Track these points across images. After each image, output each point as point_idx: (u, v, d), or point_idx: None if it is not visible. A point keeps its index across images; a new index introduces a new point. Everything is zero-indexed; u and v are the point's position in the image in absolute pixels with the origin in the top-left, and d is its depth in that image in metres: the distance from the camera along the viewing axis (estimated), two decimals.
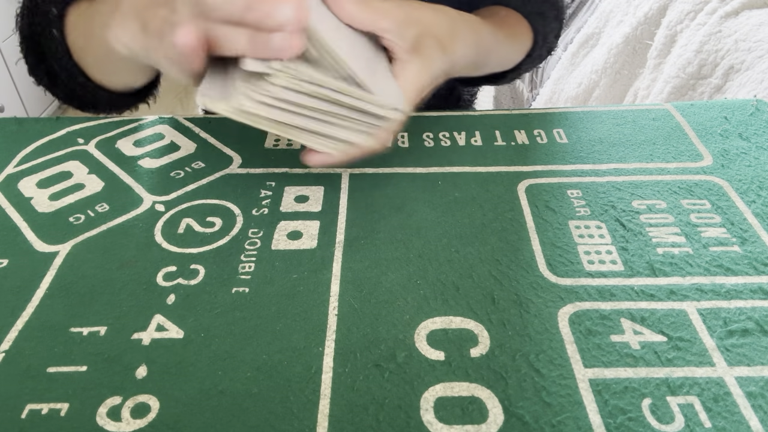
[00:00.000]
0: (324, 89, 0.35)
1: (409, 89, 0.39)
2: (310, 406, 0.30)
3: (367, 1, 0.38)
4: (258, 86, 0.34)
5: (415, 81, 0.40)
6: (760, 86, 0.80)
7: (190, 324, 0.35)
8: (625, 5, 1.16)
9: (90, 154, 0.49)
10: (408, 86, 0.39)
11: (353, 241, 0.40)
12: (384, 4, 0.39)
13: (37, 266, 0.38)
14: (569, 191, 0.44)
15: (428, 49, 0.40)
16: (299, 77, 0.33)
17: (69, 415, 0.30)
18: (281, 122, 0.36)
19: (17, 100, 1.91)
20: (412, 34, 0.40)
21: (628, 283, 0.36)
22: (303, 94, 0.35)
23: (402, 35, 0.39)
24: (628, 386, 0.31)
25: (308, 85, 0.34)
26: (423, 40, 0.40)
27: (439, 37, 0.41)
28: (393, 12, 0.39)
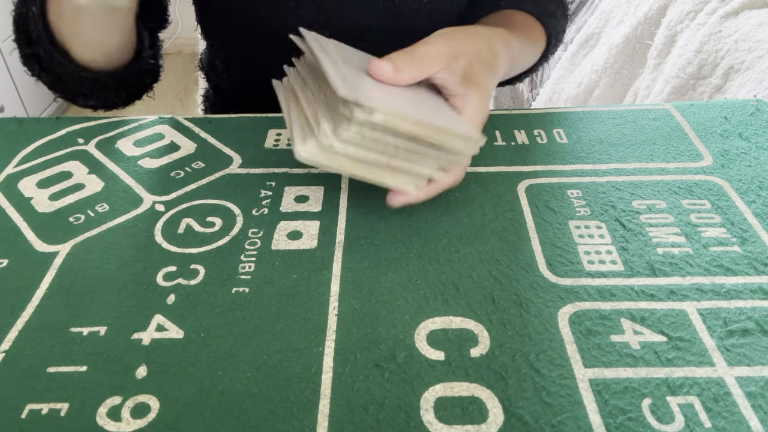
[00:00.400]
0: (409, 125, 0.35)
1: (476, 119, 0.40)
2: (310, 406, 0.30)
3: (412, 55, 0.39)
4: (347, 128, 0.34)
5: (478, 109, 0.40)
6: (760, 86, 0.80)
7: (190, 324, 0.35)
8: (625, 5, 1.16)
9: (90, 154, 0.49)
10: (473, 116, 0.40)
11: (353, 241, 0.40)
12: (427, 49, 0.39)
13: (37, 266, 0.38)
14: (569, 191, 0.44)
15: (479, 76, 0.41)
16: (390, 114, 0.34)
17: (69, 415, 0.30)
18: (363, 162, 0.36)
19: (17, 100, 1.91)
20: (460, 65, 0.40)
21: (628, 283, 0.36)
22: (386, 134, 0.35)
23: (451, 71, 0.40)
24: (628, 386, 0.31)
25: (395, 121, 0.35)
26: (472, 69, 0.41)
27: (484, 60, 0.42)
28: (437, 53, 0.40)
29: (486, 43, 0.43)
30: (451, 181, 0.41)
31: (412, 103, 0.37)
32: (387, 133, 0.35)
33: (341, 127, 0.34)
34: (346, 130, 0.34)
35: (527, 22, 0.56)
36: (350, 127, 0.34)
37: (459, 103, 0.40)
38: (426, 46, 0.40)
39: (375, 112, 0.33)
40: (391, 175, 0.38)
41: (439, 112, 0.38)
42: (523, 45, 0.52)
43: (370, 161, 0.36)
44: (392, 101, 0.35)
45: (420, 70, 0.39)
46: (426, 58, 0.39)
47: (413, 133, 0.35)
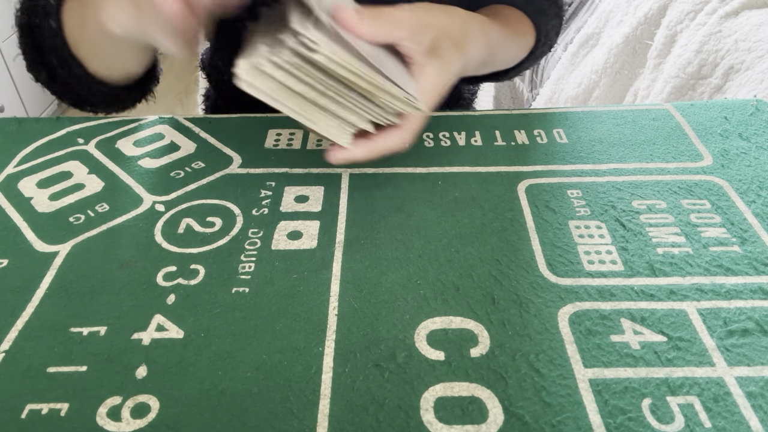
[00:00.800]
0: (346, 71, 0.35)
1: (429, 90, 0.40)
2: (310, 406, 0.30)
3: (379, 14, 0.38)
4: (280, 52, 0.34)
5: (434, 82, 0.40)
6: (760, 86, 0.80)
7: (190, 324, 0.35)
8: (625, 5, 1.16)
9: (90, 154, 0.49)
10: (428, 87, 0.40)
11: (353, 241, 0.40)
12: (396, 13, 0.39)
13: (37, 266, 0.38)
14: (569, 191, 0.44)
15: (445, 51, 0.41)
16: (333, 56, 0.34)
17: (69, 415, 0.30)
18: (292, 92, 0.36)
19: (17, 100, 1.91)
20: (428, 38, 0.40)
21: (628, 283, 0.36)
22: (322, 70, 0.35)
23: (418, 40, 0.40)
24: (628, 386, 0.31)
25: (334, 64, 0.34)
26: (439, 43, 0.41)
27: (453, 38, 0.42)
28: (406, 20, 0.39)
29: (460, 22, 0.43)
30: (393, 142, 0.40)
31: (366, 56, 0.36)
32: (321, 72, 0.35)
33: (276, 50, 0.34)
34: (278, 54, 0.34)
35: (515, 16, 0.56)
36: (283, 51, 0.34)
37: (417, 73, 0.40)
38: (396, 11, 0.39)
39: (316, 51, 0.33)
40: (321, 115, 0.37)
41: (390, 73, 0.37)
42: (504, 35, 0.51)
43: (298, 91, 0.36)
44: (343, 46, 0.35)
45: (384, 30, 0.38)
46: (393, 21, 0.39)
47: (349, 80, 0.35)
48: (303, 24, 0.34)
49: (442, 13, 0.42)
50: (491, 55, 0.50)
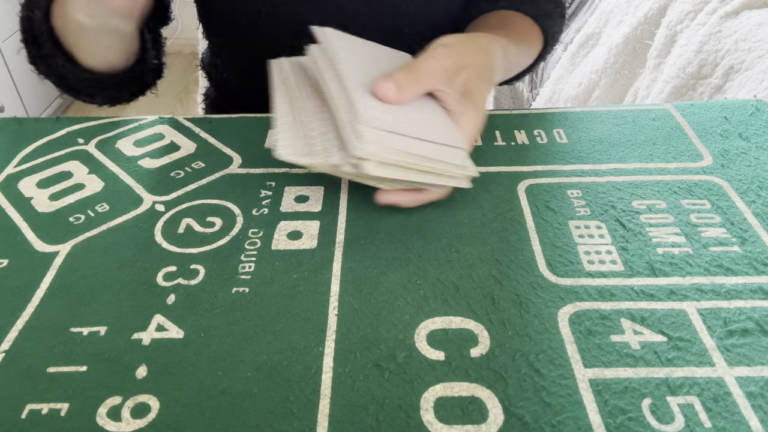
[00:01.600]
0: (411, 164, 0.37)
1: (469, 134, 0.41)
2: (310, 406, 0.30)
3: (415, 70, 0.39)
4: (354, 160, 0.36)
5: (473, 126, 0.41)
6: (760, 86, 0.80)
7: (190, 324, 0.35)
8: (625, 5, 1.16)
9: (90, 154, 0.49)
10: (468, 132, 0.41)
11: (353, 241, 0.40)
12: (431, 64, 0.40)
13: (37, 266, 0.38)
14: (569, 191, 0.44)
15: (477, 93, 0.42)
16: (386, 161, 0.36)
17: (69, 415, 0.30)
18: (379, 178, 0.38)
19: (17, 100, 1.91)
20: (461, 81, 0.41)
21: (628, 283, 0.36)
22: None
23: (452, 85, 0.41)
24: (628, 386, 0.31)
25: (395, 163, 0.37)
26: (471, 84, 0.42)
27: (482, 74, 0.43)
28: (440, 69, 0.40)
29: (485, 55, 0.44)
30: (441, 193, 0.42)
31: (412, 120, 0.38)
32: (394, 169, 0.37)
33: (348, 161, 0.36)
34: (352, 168, 0.36)
35: (524, 25, 0.56)
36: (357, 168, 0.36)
37: (456, 120, 0.41)
38: (429, 61, 0.40)
39: (378, 167, 0.36)
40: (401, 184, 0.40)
41: (437, 128, 0.39)
42: (520, 51, 0.53)
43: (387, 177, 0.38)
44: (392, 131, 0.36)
45: (422, 87, 0.40)
46: (429, 74, 0.40)
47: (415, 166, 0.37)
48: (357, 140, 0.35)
49: (471, 49, 0.43)
50: (508, 71, 0.53)
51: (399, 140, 0.36)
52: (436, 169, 0.38)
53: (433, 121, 0.40)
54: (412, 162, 0.37)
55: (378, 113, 0.37)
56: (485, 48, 0.44)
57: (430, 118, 0.40)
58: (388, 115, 0.37)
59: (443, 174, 0.39)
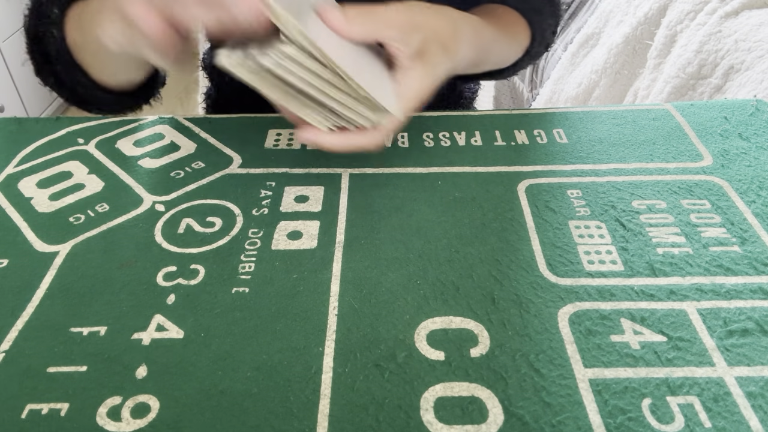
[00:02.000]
0: (321, 79, 0.35)
1: (411, 94, 0.39)
2: (310, 406, 0.30)
3: (368, 13, 0.38)
4: (262, 56, 0.34)
5: (417, 87, 0.39)
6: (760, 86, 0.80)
7: (190, 324, 0.35)
8: (625, 5, 1.16)
9: (90, 154, 0.49)
10: (410, 92, 0.39)
11: (353, 241, 0.40)
12: (386, 13, 0.39)
13: (37, 266, 0.38)
14: (569, 191, 0.44)
15: (432, 55, 0.40)
16: (301, 59, 0.34)
17: (69, 415, 0.30)
18: (272, 85, 0.36)
19: (17, 100, 1.91)
20: (417, 39, 0.39)
21: (628, 283, 0.36)
22: (303, 70, 0.35)
23: (406, 41, 0.39)
24: (628, 386, 0.31)
25: (308, 64, 0.34)
26: (427, 45, 0.40)
27: (442, 39, 0.41)
28: (396, 19, 0.39)
29: (451, 24, 0.42)
30: (367, 141, 0.39)
31: (349, 57, 0.36)
32: (304, 70, 0.35)
33: (257, 54, 0.34)
34: (261, 57, 0.34)
35: (509, 16, 0.55)
36: (264, 56, 0.34)
37: (400, 75, 0.39)
38: (387, 10, 0.38)
39: (291, 58, 0.33)
40: (301, 106, 0.37)
41: (369, 78, 0.37)
42: (497, 36, 0.51)
43: (279, 87, 0.36)
44: (327, 44, 0.34)
45: (372, 30, 0.38)
46: (382, 21, 0.38)
47: (326, 85, 0.35)
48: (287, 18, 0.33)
49: (434, 13, 0.42)
50: (483, 55, 0.49)
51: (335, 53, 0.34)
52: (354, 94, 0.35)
53: (373, 71, 0.38)
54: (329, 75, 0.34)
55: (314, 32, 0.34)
56: (450, 16, 0.43)
57: (369, 66, 0.38)
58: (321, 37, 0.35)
59: (354, 99, 0.36)
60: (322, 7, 0.37)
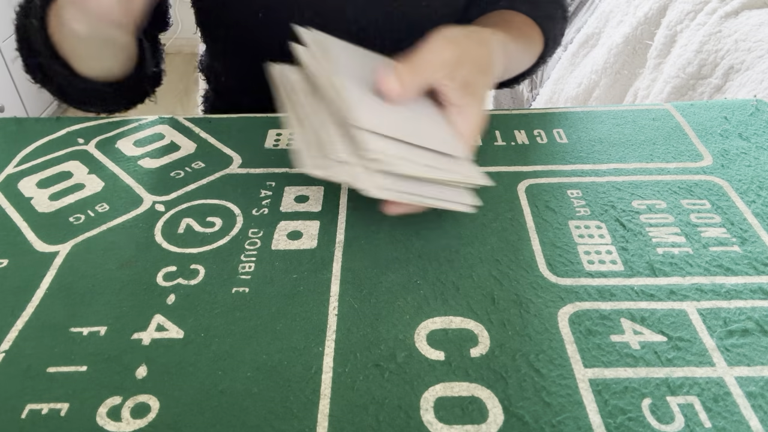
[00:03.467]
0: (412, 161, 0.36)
1: (471, 131, 0.40)
2: (310, 406, 0.30)
3: (416, 62, 0.38)
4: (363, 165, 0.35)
5: (474, 122, 0.40)
6: (760, 86, 0.80)
7: (190, 324, 0.35)
8: (625, 5, 1.16)
9: (90, 154, 0.49)
10: (469, 129, 0.40)
11: (353, 241, 0.40)
12: (431, 56, 0.39)
13: (37, 266, 0.38)
14: (569, 191, 0.44)
15: (478, 86, 0.41)
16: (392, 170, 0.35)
17: (69, 415, 0.30)
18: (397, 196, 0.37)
19: (17, 100, 1.91)
20: (461, 74, 0.40)
21: (628, 283, 0.36)
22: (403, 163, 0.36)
23: (453, 78, 0.39)
24: (628, 386, 0.31)
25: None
26: (472, 78, 0.40)
27: (482, 68, 0.42)
28: (441, 60, 0.39)
29: (486, 47, 0.43)
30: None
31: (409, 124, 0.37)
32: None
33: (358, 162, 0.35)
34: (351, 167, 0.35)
35: (525, 26, 0.56)
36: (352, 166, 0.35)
37: (455, 115, 0.40)
38: (429, 53, 0.39)
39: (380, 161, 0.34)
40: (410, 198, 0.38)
41: (437, 135, 0.38)
42: (519, 50, 0.52)
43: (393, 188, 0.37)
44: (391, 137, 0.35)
45: (424, 79, 0.39)
46: (430, 66, 0.39)
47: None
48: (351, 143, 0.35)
49: (472, 41, 0.42)
50: (508, 69, 0.51)
51: (400, 146, 0.36)
52: (440, 180, 0.37)
53: (432, 127, 0.39)
54: (416, 170, 0.36)
55: (375, 117, 0.36)
56: (486, 41, 0.43)
57: (429, 124, 0.39)
58: (385, 119, 0.36)
59: (448, 183, 0.38)
60: (378, 78, 0.38)
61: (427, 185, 0.37)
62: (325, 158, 0.36)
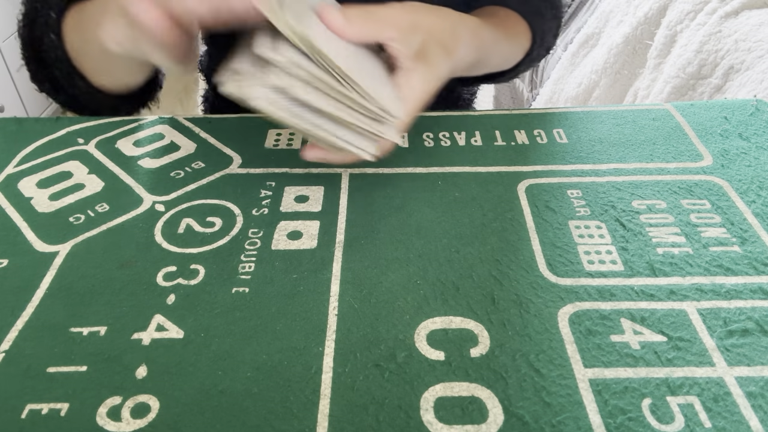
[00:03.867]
0: (325, 84, 0.34)
1: (414, 96, 0.39)
2: (310, 406, 0.30)
3: (368, 14, 0.38)
4: (265, 79, 0.34)
5: (419, 88, 0.39)
6: (760, 86, 0.80)
7: (190, 324, 0.35)
8: (625, 5, 1.16)
9: (90, 154, 0.49)
10: (413, 94, 0.39)
11: (353, 241, 0.40)
12: (387, 12, 0.38)
13: (37, 266, 0.38)
14: (569, 191, 0.44)
15: (432, 56, 0.40)
16: (301, 68, 0.33)
17: (69, 415, 0.30)
18: (287, 116, 0.35)
19: (17, 100, 1.91)
20: (417, 40, 0.39)
21: (628, 283, 0.36)
22: (307, 87, 0.34)
23: (407, 42, 0.39)
24: (628, 386, 0.31)
25: (310, 77, 0.34)
26: (427, 46, 0.40)
27: (442, 41, 0.41)
28: (397, 20, 0.38)
29: (450, 25, 0.42)
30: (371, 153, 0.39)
31: (352, 60, 0.35)
32: (309, 76, 0.34)
33: (258, 76, 0.34)
34: (263, 80, 0.33)
35: (509, 18, 0.55)
36: (266, 76, 0.33)
37: (402, 77, 0.39)
38: (386, 9, 0.38)
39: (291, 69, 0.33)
40: (313, 130, 0.37)
41: (374, 80, 0.36)
42: (497, 37, 0.50)
43: (284, 107, 0.35)
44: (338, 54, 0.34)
45: (372, 30, 0.37)
46: (382, 20, 0.38)
47: (337, 88, 0.34)
48: (274, 46, 0.33)
49: (433, 13, 0.41)
50: (483, 57, 0.49)
51: (330, 44, 0.34)
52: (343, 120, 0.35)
53: (372, 71, 0.37)
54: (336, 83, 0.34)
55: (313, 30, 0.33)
56: (449, 17, 0.42)
57: (369, 69, 0.37)
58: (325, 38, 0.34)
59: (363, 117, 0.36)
60: (322, 7, 0.36)
61: (324, 119, 0.36)
62: (228, 71, 0.34)
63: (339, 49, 0.35)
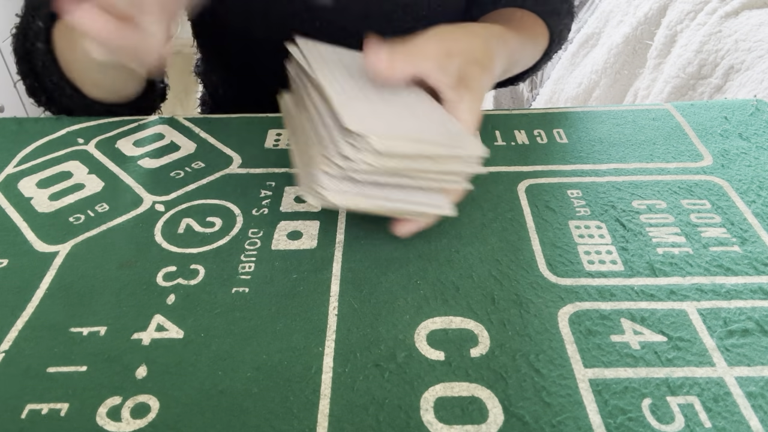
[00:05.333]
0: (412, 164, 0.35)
1: (468, 125, 0.38)
2: (310, 406, 0.30)
3: (404, 48, 0.37)
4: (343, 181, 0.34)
5: (469, 119, 0.38)
6: (760, 86, 0.80)
7: (190, 324, 0.35)
8: (625, 5, 1.16)
9: (90, 154, 0.49)
10: (466, 122, 0.38)
11: (353, 241, 0.40)
12: (418, 45, 0.38)
13: (37, 266, 0.38)
14: (569, 191, 0.44)
15: (472, 79, 0.39)
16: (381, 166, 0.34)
17: (69, 415, 0.30)
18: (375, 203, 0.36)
19: (17, 100, 1.91)
20: (454, 65, 0.39)
21: (628, 283, 0.36)
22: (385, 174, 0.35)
23: (445, 71, 0.38)
24: (628, 386, 0.31)
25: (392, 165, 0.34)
26: (465, 70, 0.39)
27: (477, 59, 0.40)
28: (429, 50, 0.38)
29: (482, 41, 0.42)
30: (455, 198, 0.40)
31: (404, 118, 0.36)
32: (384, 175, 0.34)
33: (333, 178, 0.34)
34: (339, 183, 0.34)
35: (528, 20, 0.55)
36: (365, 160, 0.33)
37: (451, 109, 0.39)
38: (420, 41, 0.38)
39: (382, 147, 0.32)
40: (403, 207, 0.37)
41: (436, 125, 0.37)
42: (523, 42, 0.50)
43: (378, 201, 0.36)
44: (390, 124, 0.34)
45: (413, 66, 0.37)
46: (419, 54, 0.37)
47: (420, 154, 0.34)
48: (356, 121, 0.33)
49: (462, 34, 0.41)
50: (511, 64, 0.49)
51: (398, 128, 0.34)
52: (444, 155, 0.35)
53: (429, 117, 0.38)
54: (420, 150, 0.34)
55: (367, 120, 0.34)
56: (478, 34, 0.42)
57: (426, 115, 0.38)
58: (378, 120, 0.35)
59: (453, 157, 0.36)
60: (367, 55, 0.36)
61: (395, 189, 0.36)
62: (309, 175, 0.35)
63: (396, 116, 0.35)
